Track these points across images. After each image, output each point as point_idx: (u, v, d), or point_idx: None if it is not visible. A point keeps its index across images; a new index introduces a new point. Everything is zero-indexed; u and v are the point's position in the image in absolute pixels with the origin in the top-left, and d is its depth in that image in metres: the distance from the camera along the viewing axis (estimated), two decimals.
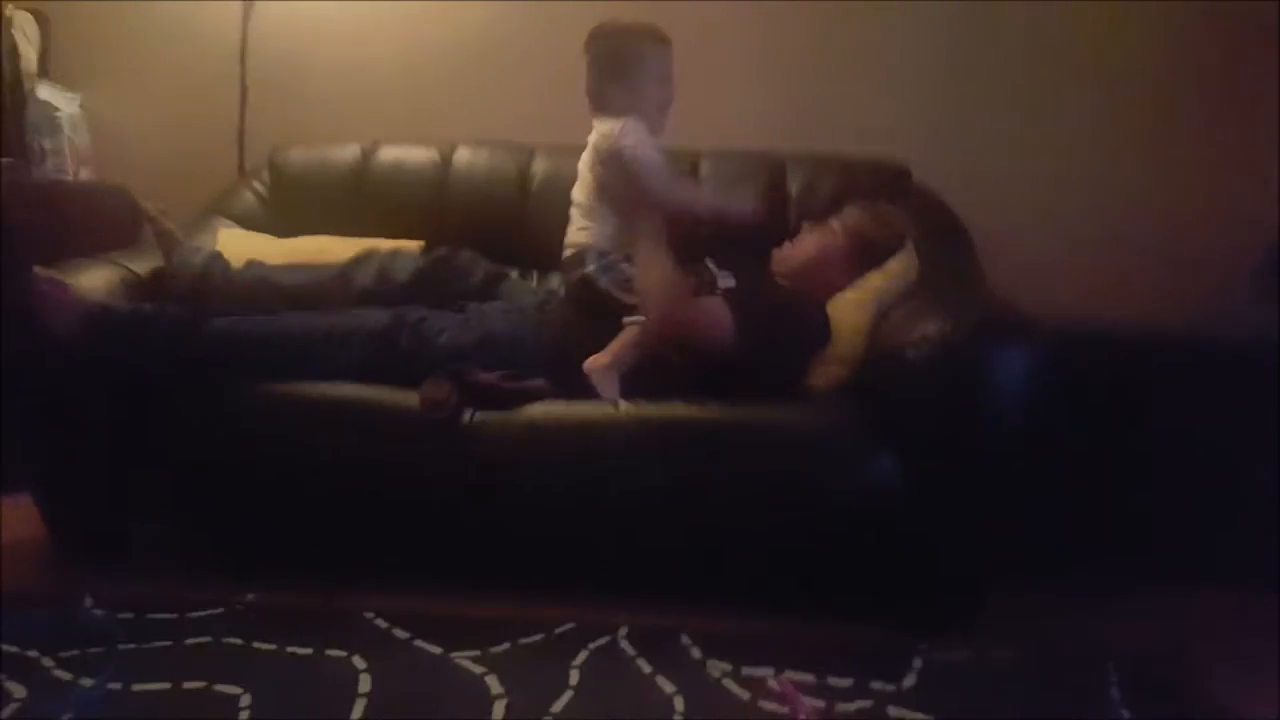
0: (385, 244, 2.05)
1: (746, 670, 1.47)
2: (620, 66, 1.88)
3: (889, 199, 2.04)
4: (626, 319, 1.79)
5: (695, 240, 1.90)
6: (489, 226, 2.19)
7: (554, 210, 2.03)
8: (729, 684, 1.43)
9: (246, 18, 2.45)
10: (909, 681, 1.47)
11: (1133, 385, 1.96)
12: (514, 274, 2.09)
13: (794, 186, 2.20)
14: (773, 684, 1.43)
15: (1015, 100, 2.41)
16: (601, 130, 1.89)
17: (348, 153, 2.31)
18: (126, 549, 1.84)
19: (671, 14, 2.30)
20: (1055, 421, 1.69)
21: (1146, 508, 1.95)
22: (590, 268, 1.88)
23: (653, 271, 1.78)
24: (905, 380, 1.62)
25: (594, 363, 1.74)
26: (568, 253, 1.94)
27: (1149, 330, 2.07)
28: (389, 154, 2.31)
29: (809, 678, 1.45)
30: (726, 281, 1.86)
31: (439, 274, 1.93)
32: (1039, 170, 2.42)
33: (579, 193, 1.96)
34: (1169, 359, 1.97)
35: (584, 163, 1.95)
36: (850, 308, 1.87)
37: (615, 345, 1.76)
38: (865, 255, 1.93)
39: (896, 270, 1.92)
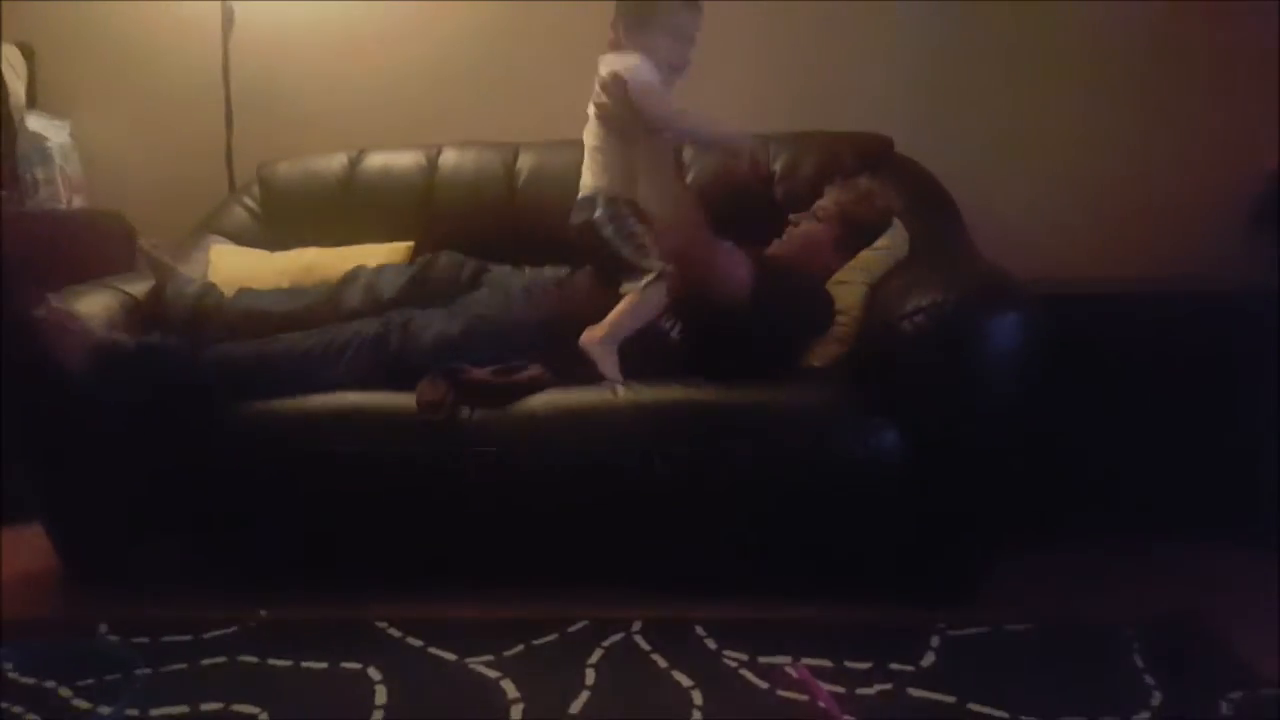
0: (373, 254, 2.06)
1: (763, 659, 1.45)
2: (642, 16, 1.84)
3: (871, 172, 2.02)
4: (625, 287, 1.75)
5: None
6: (478, 224, 2.20)
7: (541, 204, 2.04)
8: (746, 674, 1.42)
9: (227, 38, 2.45)
10: (928, 661, 1.46)
11: (1131, 343, 1.93)
12: (500, 267, 2.07)
13: (777, 164, 2.19)
14: (790, 671, 1.42)
15: (995, 63, 2.39)
16: (607, 61, 1.84)
17: (334, 162, 2.32)
18: (138, 573, 1.85)
19: None
20: (1054, 385, 1.67)
21: (1148, 467, 1.92)
22: (597, 213, 1.81)
23: (666, 202, 1.73)
24: (902, 353, 1.61)
25: (590, 335, 1.71)
26: (580, 195, 1.87)
27: (1146, 285, 2.06)
28: (375, 160, 2.32)
29: (826, 663, 1.44)
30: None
31: (425, 282, 1.92)
32: (1021, 134, 2.41)
33: (587, 134, 1.89)
34: (1167, 313, 1.95)
35: (590, 105, 1.88)
36: (841, 287, 1.87)
37: (613, 315, 1.72)
38: (855, 236, 1.92)
39: (886, 245, 1.92)
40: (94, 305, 1.86)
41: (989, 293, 1.61)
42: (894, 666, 1.43)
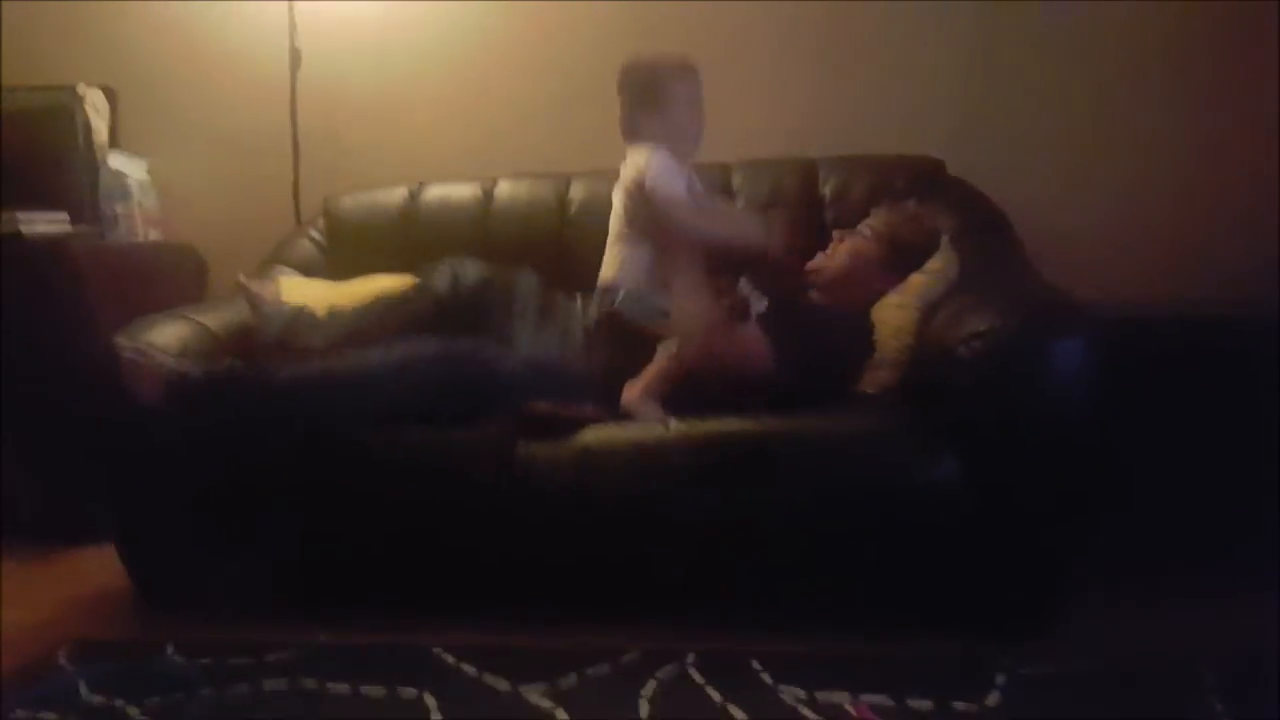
0: None
1: (822, 695, 1.42)
2: (648, 98, 1.95)
3: (922, 195, 2.00)
4: (661, 343, 1.79)
5: (728, 259, 1.89)
6: (533, 253, 2.21)
7: (593, 234, 2.08)
8: (805, 711, 1.38)
9: (294, 78, 2.54)
10: (993, 700, 1.40)
11: (1199, 369, 1.86)
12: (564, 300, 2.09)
13: (827, 189, 2.18)
14: (850, 709, 1.38)
15: (1045, 84, 2.36)
16: (631, 160, 1.94)
17: (396, 195, 2.38)
18: (205, 596, 1.89)
19: (697, 24, 2.33)
20: (1116, 412, 1.62)
21: (1227, 500, 1.84)
22: (618, 300, 1.90)
23: (685, 303, 1.78)
24: (959, 378, 1.57)
25: (629, 394, 1.75)
26: (600, 284, 1.97)
27: (1223, 308, 1.98)
28: (435, 192, 2.37)
29: (887, 701, 1.40)
30: (760, 304, 1.85)
31: (503, 289, 1.94)
32: (1074, 153, 2.36)
33: (613, 222, 2.00)
34: (1247, 337, 1.87)
35: (616, 193, 2.00)
36: (893, 310, 1.84)
37: (649, 372, 1.76)
38: (902, 258, 1.90)
39: (937, 268, 1.89)
40: (167, 333, 1.91)
41: (1050, 316, 1.57)
42: (958, 705, 1.38)
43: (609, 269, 1.99)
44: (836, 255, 1.94)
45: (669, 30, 2.41)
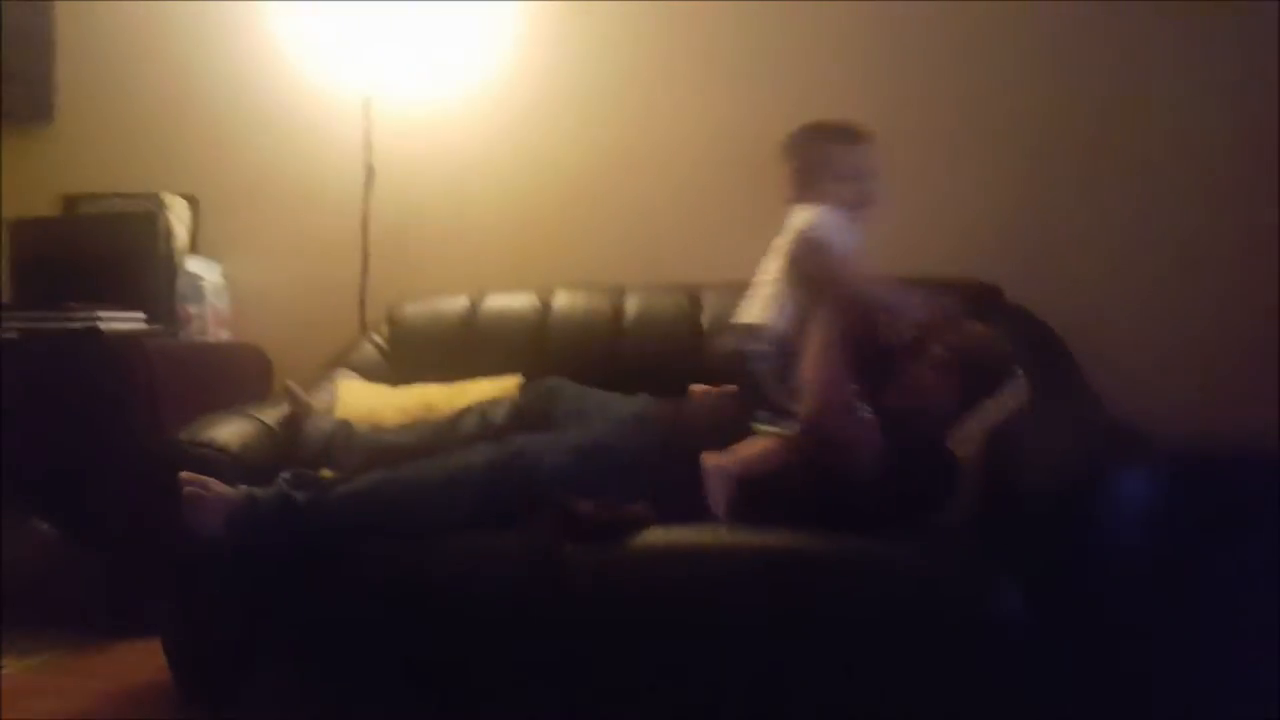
0: (486, 389, 2.15)
1: None
2: (809, 167, 1.91)
3: (982, 319, 1.99)
4: (758, 425, 1.72)
5: (873, 346, 1.81)
6: (587, 362, 2.25)
7: (645, 345, 2.14)
8: None
9: (368, 192, 2.67)
10: None
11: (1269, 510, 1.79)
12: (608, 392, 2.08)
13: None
14: None
15: (1104, 208, 2.34)
16: (798, 214, 1.89)
17: (457, 303, 2.46)
18: (247, 697, 1.88)
19: (758, 146, 2.36)
20: (1186, 549, 1.57)
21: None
22: (754, 346, 1.82)
23: (822, 366, 1.69)
24: (1026, 509, 1.54)
25: (716, 462, 1.68)
26: (737, 322, 1.89)
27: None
28: (494, 302, 2.45)
29: None
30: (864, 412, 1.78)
31: (534, 407, 1.97)
32: (1136, 279, 2.31)
33: (766, 272, 1.92)
34: None
35: (778, 243, 1.92)
36: (961, 439, 1.79)
37: (742, 450, 1.69)
38: (973, 384, 1.82)
39: (1006, 397, 1.83)
40: (229, 430, 1.97)
41: (1115, 447, 1.54)
42: None
43: (755, 311, 1.87)
44: (904, 391, 1.83)
45: (718, 156, 2.51)
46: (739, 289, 2.12)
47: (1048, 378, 1.92)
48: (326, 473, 1.93)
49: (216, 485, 1.78)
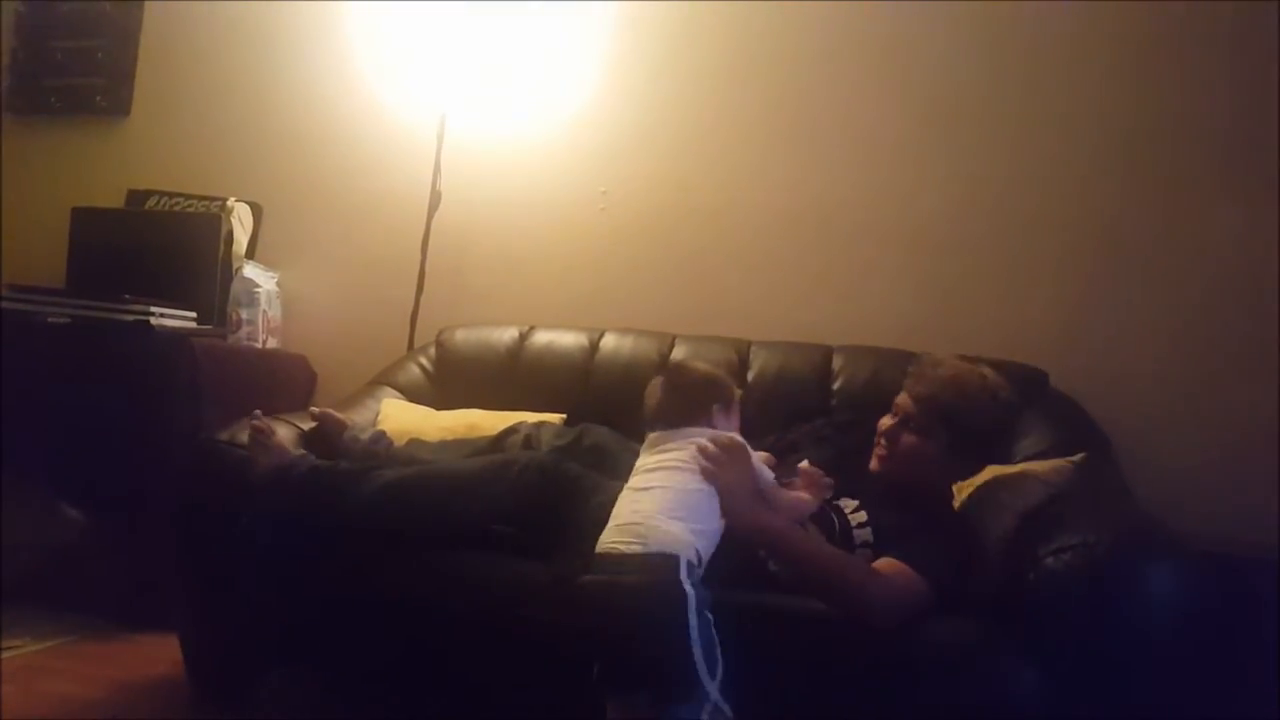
0: (532, 417, 2.15)
1: None
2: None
3: (1027, 403, 1.94)
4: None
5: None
6: (629, 406, 2.24)
7: None
8: None
9: (431, 215, 2.70)
10: None
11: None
12: None
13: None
14: None
15: (1155, 300, 2.32)
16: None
17: (507, 334, 2.48)
18: (258, 696, 1.87)
19: (816, 210, 2.39)
20: (1212, 650, 1.55)
21: None
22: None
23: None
24: (1046, 591, 1.51)
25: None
26: None
27: None
28: (543, 337, 2.46)
29: None
30: (859, 515, 1.74)
31: (580, 448, 1.95)
32: (1181, 372, 2.29)
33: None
34: None
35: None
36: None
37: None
38: (965, 441, 1.74)
39: (1045, 474, 1.77)
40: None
41: (1143, 537, 1.54)
42: None
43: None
44: (892, 461, 1.78)
45: (785, 220, 2.53)
46: (788, 349, 2.14)
47: (1083, 464, 1.91)
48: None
49: (281, 437, 1.86)
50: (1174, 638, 1.48)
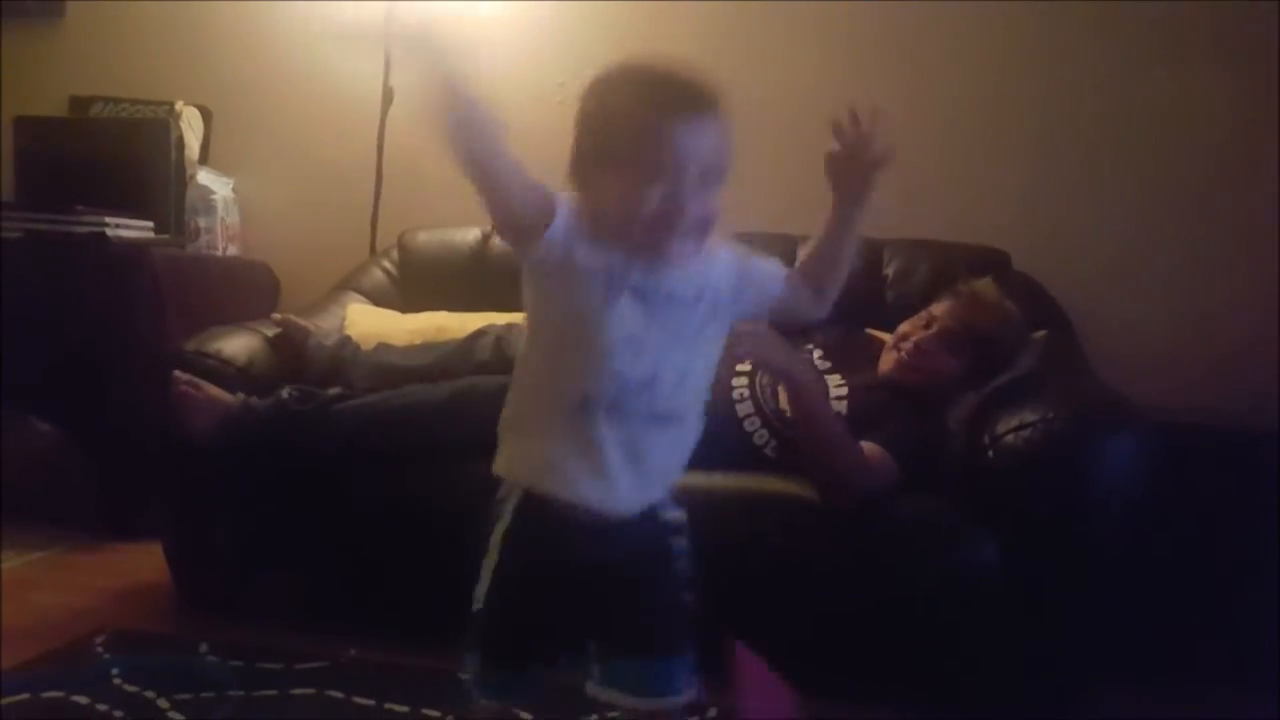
0: (501, 319, 2.14)
1: None
2: None
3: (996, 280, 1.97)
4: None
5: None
6: None
7: None
8: None
9: (384, 114, 2.63)
10: None
11: (1248, 482, 1.82)
12: None
13: (890, 269, 2.22)
14: None
15: (1118, 186, 2.36)
16: None
17: (469, 235, 2.45)
18: (243, 601, 1.92)
19: (782, 96, 2.36)
20: (1164, 516, 1.61)
21: (1256, 608, 1.80)
22: None
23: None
24: (1008, 467, 1.58)
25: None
26: None
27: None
28: None
29: None
30: (840, 389, 1.80)
31: None
32: (1142, 256, 2.35)
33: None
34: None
35: None
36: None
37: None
38: (986, 363, 1.80)
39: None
40: (236, 344, 1.98)
41: (1104, 413, 1.59)
42: None
43: None
44: (903, 368, 1.81)
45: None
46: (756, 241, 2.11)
47: (1044, 344, 1.96)
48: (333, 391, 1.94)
49: (210, 388, 1.80)
50: (1136, 509, 1.55)
